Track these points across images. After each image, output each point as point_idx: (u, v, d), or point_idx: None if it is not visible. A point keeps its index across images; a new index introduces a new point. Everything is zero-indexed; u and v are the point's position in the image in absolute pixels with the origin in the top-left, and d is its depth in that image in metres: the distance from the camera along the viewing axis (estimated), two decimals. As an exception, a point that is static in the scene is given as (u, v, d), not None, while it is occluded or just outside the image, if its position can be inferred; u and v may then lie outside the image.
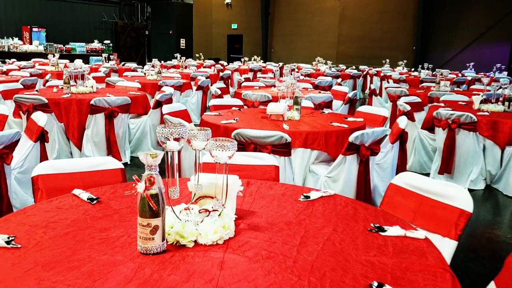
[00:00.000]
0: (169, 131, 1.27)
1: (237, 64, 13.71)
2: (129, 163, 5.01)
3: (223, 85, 7.04)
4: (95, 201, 1.66)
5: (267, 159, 2.28)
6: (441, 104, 5.29)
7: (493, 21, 15.48)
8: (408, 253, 1.31)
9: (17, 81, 6.21)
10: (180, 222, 1.35)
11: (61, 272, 1.14)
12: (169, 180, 1.33)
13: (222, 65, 13.66)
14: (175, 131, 1.27)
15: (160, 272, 1.15)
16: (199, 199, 1.49)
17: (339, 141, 3.32)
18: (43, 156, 3.22)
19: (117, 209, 1.61)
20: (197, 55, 17.47)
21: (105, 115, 4.62)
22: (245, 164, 2.21)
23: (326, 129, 3.38)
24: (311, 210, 1.64)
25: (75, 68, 5.23)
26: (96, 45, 17.37)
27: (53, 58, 9.71)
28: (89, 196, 1.68)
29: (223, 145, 1.33)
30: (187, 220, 1.36)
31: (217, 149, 1.33)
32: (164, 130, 1.27)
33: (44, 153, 3.22)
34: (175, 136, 1.28)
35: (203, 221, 1.36)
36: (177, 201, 1.47)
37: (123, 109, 4.75)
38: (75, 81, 5.22)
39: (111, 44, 18.53)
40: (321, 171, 3.25)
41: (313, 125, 3.53)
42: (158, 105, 5.14)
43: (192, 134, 1.34)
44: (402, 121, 3.47)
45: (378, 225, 1.49)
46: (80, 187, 1.79)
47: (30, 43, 16.59)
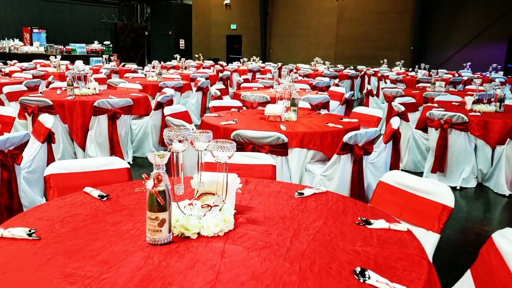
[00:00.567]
0: (175, 134, 1.41)
1: (236, 65, 13.78)
2: (131, 163, 5.14)
3: (222, 86, 7.12)
4: (105, 198, 1.80)
5: (264, 159, 2.43)
6: (434, 105, 5.42)
7: (490, 21, 15.61)
8: (390, 243, 1.45)
9: (21, 83, 6.36)
10: (185, 216, 1.49)
11: (79, 260, 1.28)
12: (174, 178, 1.47)
13: (222, 65, 13.72)
14: (179, 133, 1.42)
15: (168, 260, 1.29)
16: (202, 195, 1.63)
17: (334, 141, 3.46)
18: (50, 157, 3.35)
19: (126, 205, 1.74)
20: (196, 55, 17.58)
21: (108, 116, 4.76)
22: (244, 163, 2.35)
23: (322, 129, 3.51)
24: (304, 206, 1.78)
25: (78, 70, 5.37)
26: (96, 46, 17.48)
27: (54, 60, 9.82)
28: (99, 194, 1.82)
29: (223, 146, 1.47)
30: (191, 214, 1.50)
31: (217, 149, 1.47)
32: (170, 133, 1.41)
33: (51, 154, 3.36)
34: (179, 138, 1.42)
35: (205, 215, 1.50)
36: (181, 197, 1.61)
37: (125, 111, 4.89)
38: (77, 82, 5.35)
39: (111, 45, 18.65)
40: (316, 170, 3.39)
41: (309, 126, 3.66)
42: (159, 106, 5.27)
43: (195, 136, 1.48)
44: (395, 122, 3.61)
45: (365, 219, 1.63)
46: (89, 185, 1.93)
47: (31, 44, 16.69)
